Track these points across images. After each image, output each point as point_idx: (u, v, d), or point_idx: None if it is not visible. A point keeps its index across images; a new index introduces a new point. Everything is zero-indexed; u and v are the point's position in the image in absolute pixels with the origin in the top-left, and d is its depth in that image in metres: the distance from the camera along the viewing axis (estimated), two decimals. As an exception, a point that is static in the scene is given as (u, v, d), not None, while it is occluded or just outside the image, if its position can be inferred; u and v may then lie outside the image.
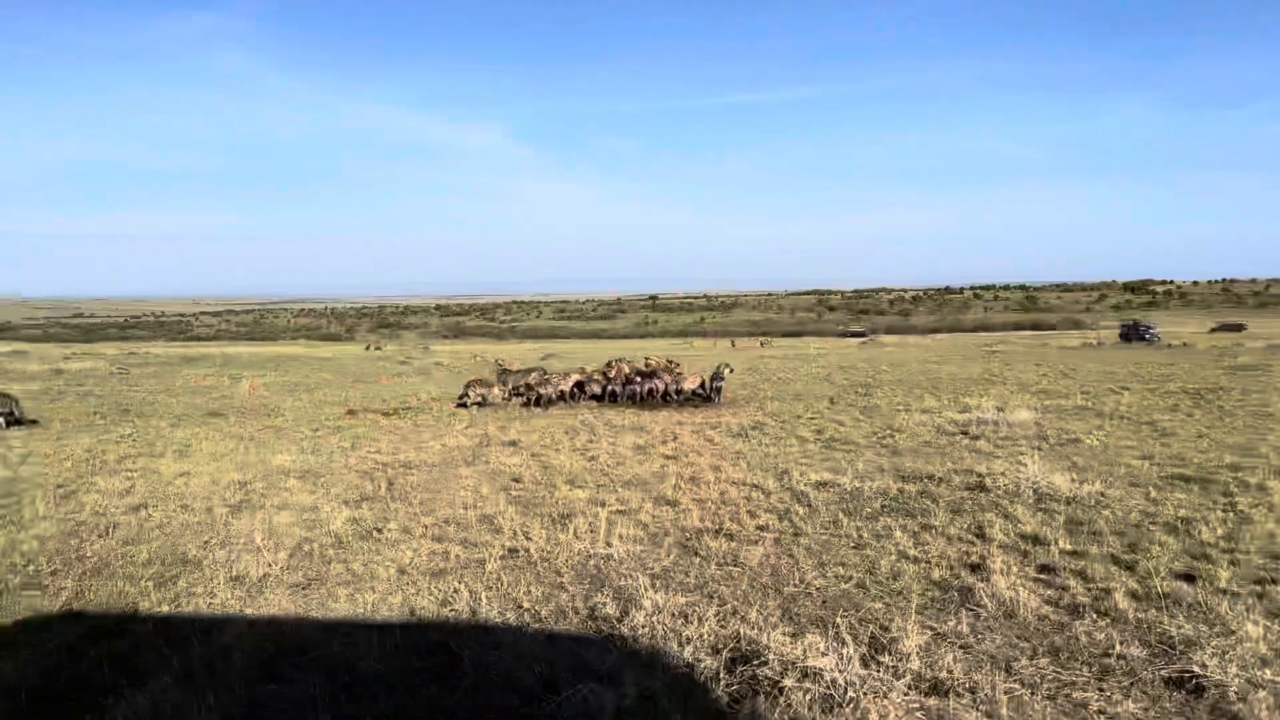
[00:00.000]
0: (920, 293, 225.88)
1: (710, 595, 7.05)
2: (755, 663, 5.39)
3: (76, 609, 6.95)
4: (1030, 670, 5.48)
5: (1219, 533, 8.49)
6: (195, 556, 8.37)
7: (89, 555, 8.45)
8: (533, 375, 22.60)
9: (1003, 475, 11.22)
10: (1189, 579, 7.17)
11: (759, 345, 76.04)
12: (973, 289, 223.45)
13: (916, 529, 8.96)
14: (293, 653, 5.98)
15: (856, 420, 17.56)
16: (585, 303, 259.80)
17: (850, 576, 7.48)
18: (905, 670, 5.35)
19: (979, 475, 11.35)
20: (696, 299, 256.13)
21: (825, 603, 6.86)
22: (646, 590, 6.94)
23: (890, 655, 5.62)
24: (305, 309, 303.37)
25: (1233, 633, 5.97)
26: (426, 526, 9.39)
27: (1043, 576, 7.34)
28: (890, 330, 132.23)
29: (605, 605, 6.72)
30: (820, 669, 5.17)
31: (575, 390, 22.05)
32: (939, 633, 6.16)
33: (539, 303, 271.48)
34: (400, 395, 24.98)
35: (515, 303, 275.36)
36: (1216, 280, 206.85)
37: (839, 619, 6.37)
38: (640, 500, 10.49)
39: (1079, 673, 5.44)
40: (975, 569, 7.57)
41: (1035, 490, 10.39)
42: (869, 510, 9.80)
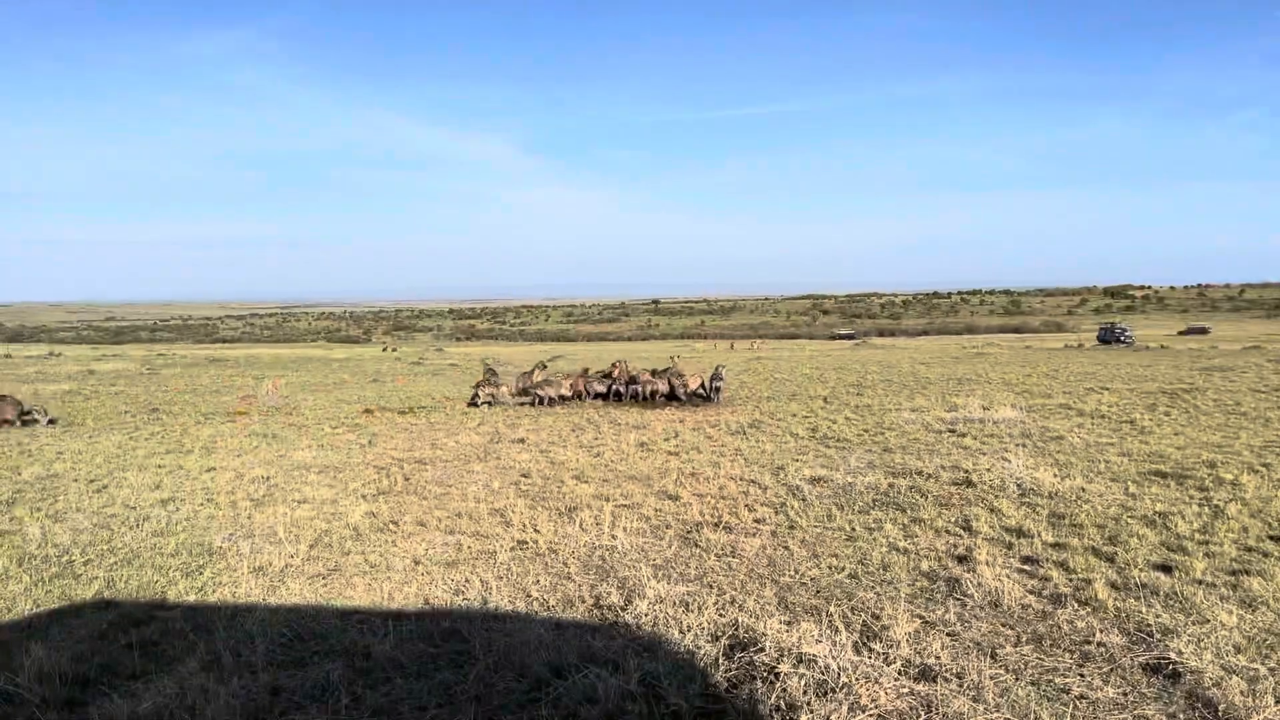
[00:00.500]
0: (910, 297, 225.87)
1: (710, 585, 7.05)
2: (752, 649, 5.39)
3: (108, 597, 6.96)
4: (1014, 656, 5.48)
5: (1195, 526, 8.48)
6: (220, 548, 8.38)
7: (120, 546, 8.46)
8: (537, 375, 22.59)
9: (988, 471, 11.21)
10: (1166, 570, 7.16)
11: (752, 347, 76.04)
12: (960, 293, 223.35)
13: (906, 522, 8.95)
14: (312, 639, 5.98)
15: (849, 419, 17.54)
16: (591, 307, 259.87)
17: (843, 567, 7.47)
18: (895, 657, 5.35)
19: (966, 471, 11.34)
20: (697, 303, 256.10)
21: (819, 592, 6.85)
22: (649, 580, 6.94)
23: (881, 642, 5.62)
24: (325, 313, 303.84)
25: (1208, 621, 5.96)
26: (440, 519, 9.40)
27: (1026, 567, 7.33)
28: (881, 333, 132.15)
29: (610, 594, 6.72)
30: (814, 655, 5.17)
31: (580, 390, 22.05)
32: (928, 621, 6.15)
33: (547, 307, 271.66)
34: (415, 395, 24.99)
35: (524, 307, 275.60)
36: (1192, 285, 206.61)
37: (832, 608, 6.37)
38: (643, 494, 10.49)
39: (1061, 659, 5.43)
40: (962, 560, 7.56)
41: (1019, 485, 10.38)
42: (861, 504, 9.80)
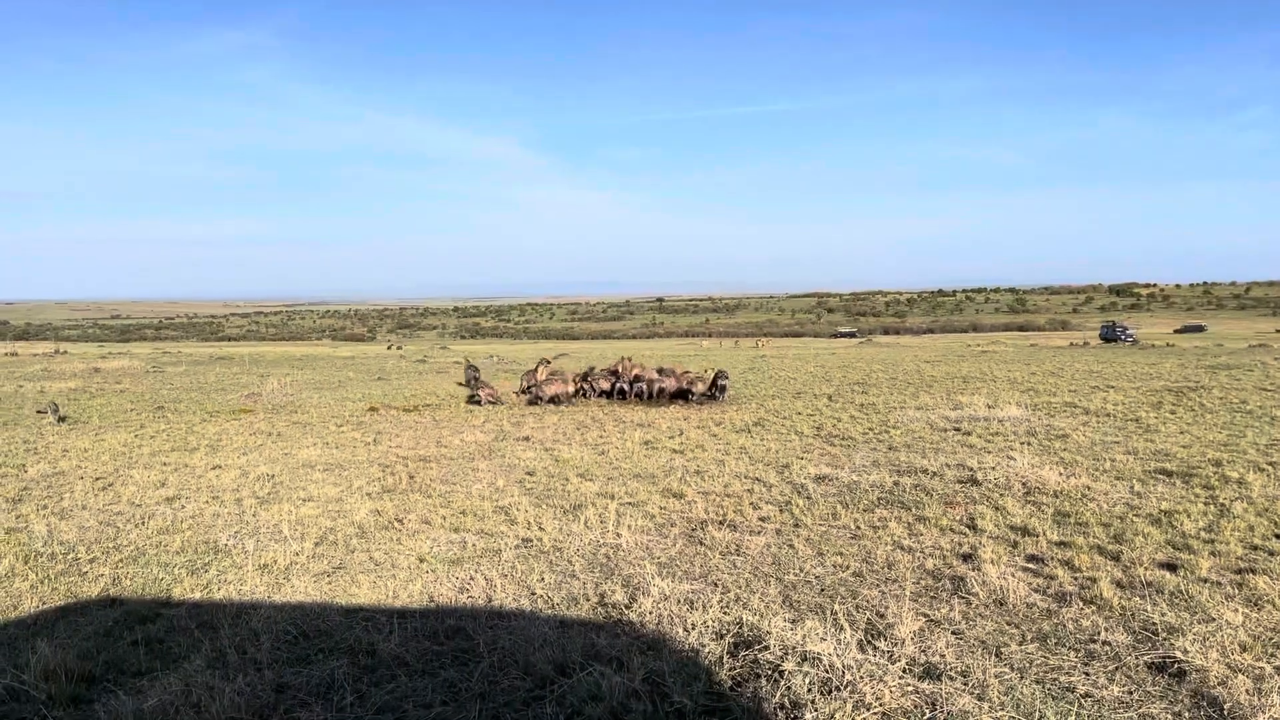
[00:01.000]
0: (915, 295, 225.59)
1: (714, 583, 7.05)
2: (757, 647, 5.38)
3: (113, 595, 6.98)
4: (1019, 655, 5.47)
5: (1200, 524, 8.46)
6: (226, 545, 8.40)
7: (125, 544, 8.48)
8: (541, 372, 22.57)
9: (993, 469, 11.19)
10: (1172, 568, 7.15)
11: (756, 345, 76.03)
12: (965, 292, 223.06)
13: (911, 520, 8.94)
14: (317, 636, 5.99)
15: (854, 417, 17.52)
16: (596, 305, 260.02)
17: (848, 565, 7.47)
18: (900, 655, 5.34)
19: (971, 469, 11.32)
20: (701, 301, 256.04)
21: (824, 590, 6.85)
22: (653, 578, 6.94)
23: (886, 641, 5.61)
24: (330, 310, 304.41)
25: (1213, 620, 5.94)
26: (445, 517, 9.41)
27: (1031, 566, 7.32)
28: (886, 331, 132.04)
29: (614, 592, 6.72)
30: (819, 654, 5.16)
31: (584, 388, 22.03)
32: (932, 619, 6.15)
33: (551, 305, 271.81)
34: (419, 392, 24.99)
35: (529, 305, 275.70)
36: (1198, 283, 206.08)
37: (837, 606, 6.37)
38: (648, 492, 10.50)
39: (1066, 657, 5.42)
40: (967, 559, 7.55)
41: (1024, 483, 10.37)
42: (866, 502, 9.79)
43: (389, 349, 76.42)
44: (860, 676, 4.89)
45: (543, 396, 20.82)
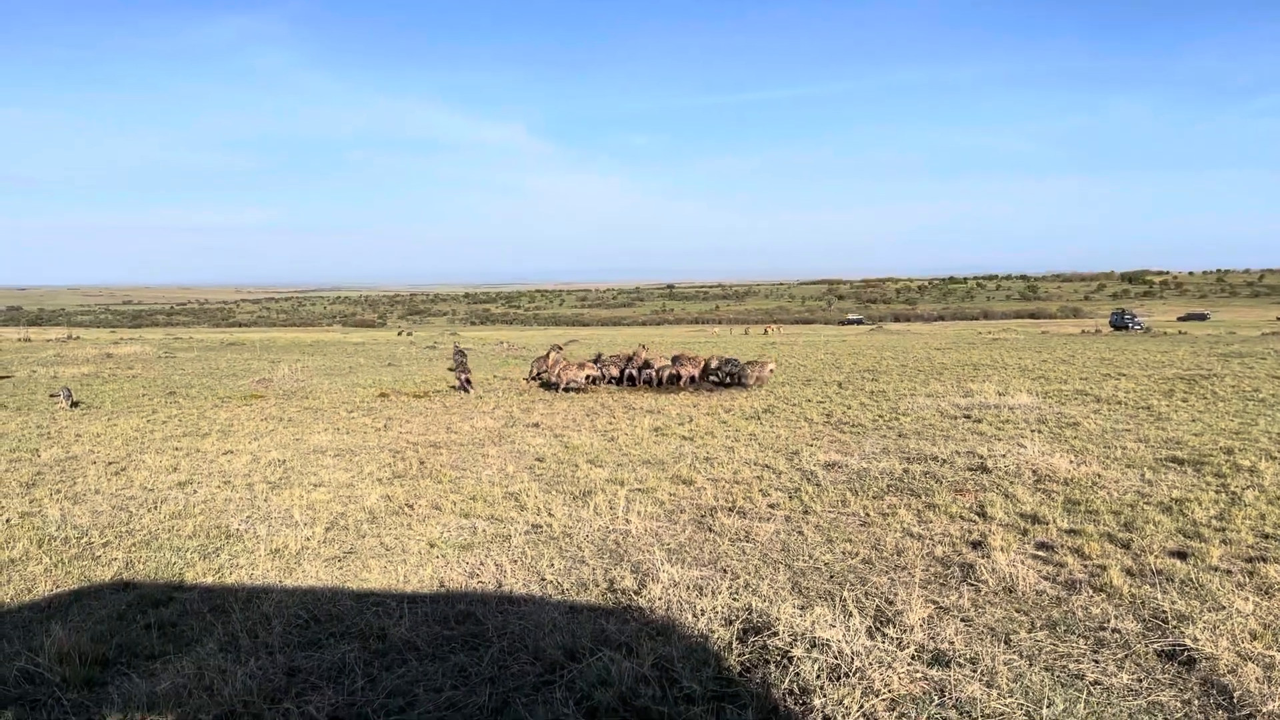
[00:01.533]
0: (926, 282, 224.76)
1: (723, 569, 7.06)
2: (766, 634, 5.39)
3: (126, 578, 7.03)
4: (1028, 642, 5.47)
5: (1211, 512, 8.43)
6: (237, 530, 8.45)
7: (138, 528, 8.54)
8: (552, 357, 22.59)
9: (1004, 457, 11.16)
10: (1182, 556, 7.13)
11: (766, 332, 75.95)
12: (976, 279, 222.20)
13: (921, 508, 8.93)
14: (328, 621, 6.03)
15: (864, 404, 17.49)
16: (605, 291, 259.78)
17: (857, 552, 7.47)
18: (909, 642, 5.35)
19: (981, 457, 11.30)
20: (711, 288, 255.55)
21: (833, 577, 6.86)
22: (663, 564, 6.95)
23: (895, 627, 5.62)
24: (340, 296, 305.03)
25: (1223, 608, 5.93)
26: (455, 503, 9.44)
27: (1041, 553, 7.31)
28: (896, 318, 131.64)
29: (624, 578, 6.74)
30: (828, 640, 5.17)
31: (595, 374, 22.05)
32: (941, 606, 6.15)
33: (561, 291, 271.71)
34: (430, 379, 25.03)
35: (539, 291, 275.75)
36: (1211, 271, 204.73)
37: (846, 593, 6.37)
38: (657, 479, 10.51)
39: (1075, 645, 5.42)
40: (976, 546, 7.55)
41: (1035, 471, 10.34)
42: (875, 489, 9.78)
43: (399, 335, 76.57)
44: (869, 663, 4.89)
45: (560, 383, 20.80)
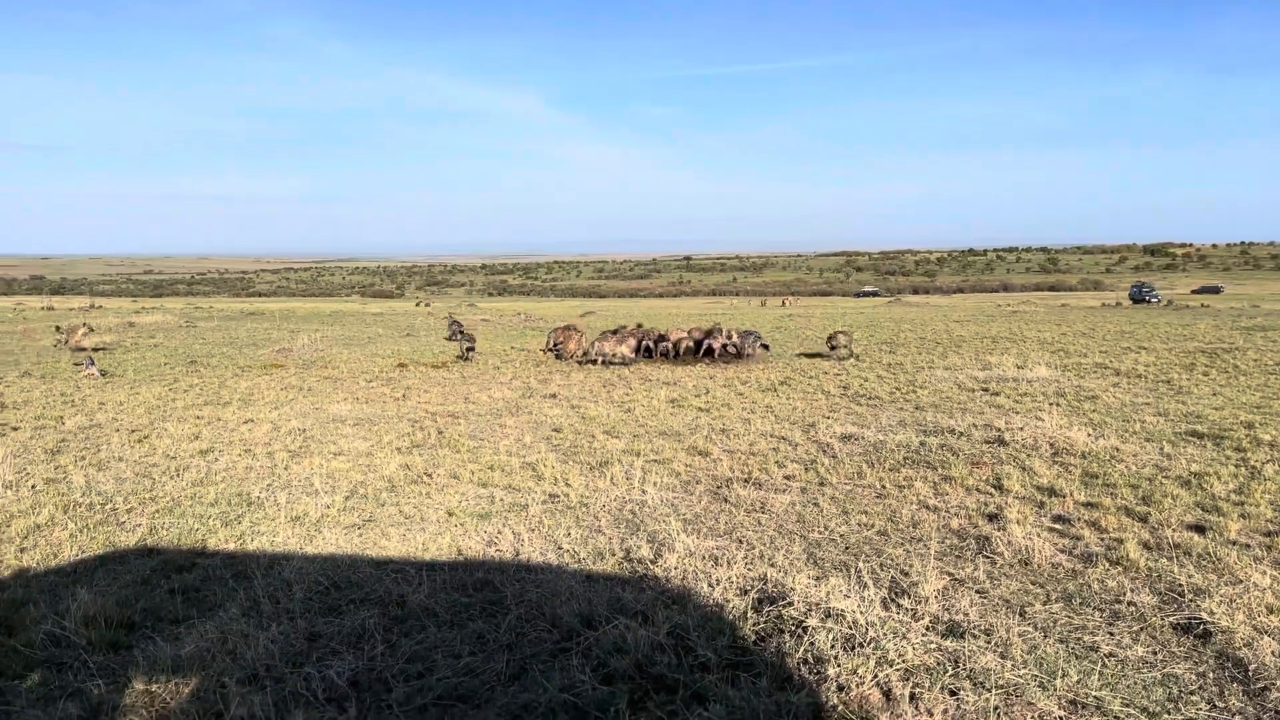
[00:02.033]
0: (945, 254, 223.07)
1: (739, 540, 7.09)
2: (781, 603, 5.42)
3: (150, 544, 7.12)
4: (1043, 614, 5.47)
5: (1230, 486, 8.39)
6: (258, 498, 8.54)
7: (161, 495, 8.65)
8: (567, 331, 22.61)
9: (1021, 430, 11.12)
10: (1200, 530, 7.10)
11: (784, 304, 75.71)
12: (996, 251, 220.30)
13: (937, 480, 8.93)
14: (348, 587, 6.10)
15: (881, 376, 17.45)
16: (622, 263, 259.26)
17: (872, 524, 7.48)
18: (924, 613, 5.36)
19: (998, 430, 11.26)
20: (729, 259, 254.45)
21: (848, 548, 6.87)
22: (678, 534, 6.98)
23: (909, 599, 5.63)
24: (359, 267, 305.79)
25: (1240, 582, 5.91)
26: (473, 472, 9.51)
27: (1057, 526, 7.30)
28: (915, 290, 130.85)
29: (640, 548, 6.77)
30: (842, 610, 5.19)
31: (612, 346, 22.06)
32: (956, 578, 6.16)
33: (578, 263, 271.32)
34: (448, 349, 25.13)
35: (556, 262, 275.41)
36: (1235, 243, 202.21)
37: (861, 564, 6.39)
38: (674, 450, 10.54)
39: (1090, 617, 5.42)
40: (993, 519, 7.54)
41: (1052, 444, 10.30)
42: (891, 462, 9.78)
43: (417, 306, 76.79)
44: (883, 633, 4.91)
45: (600, 357, 20.73)
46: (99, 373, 18.25)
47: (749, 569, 6.20)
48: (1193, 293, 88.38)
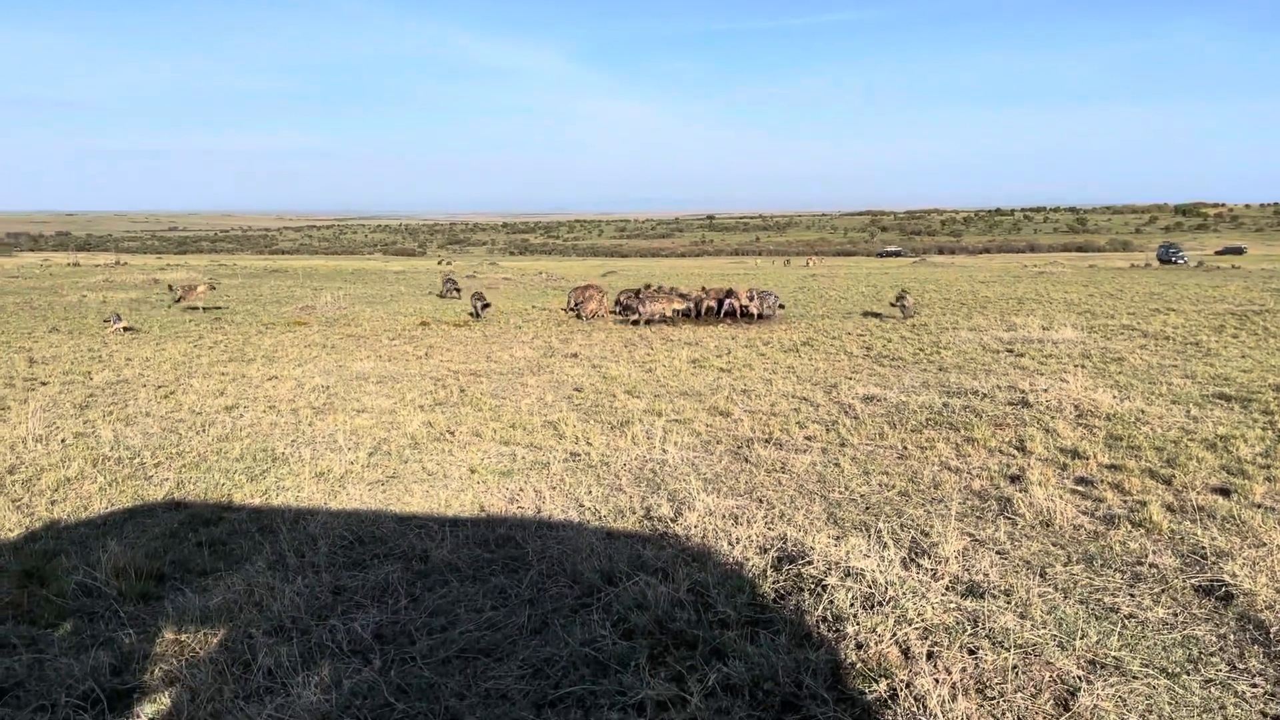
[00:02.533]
0: (971, 214, 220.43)
1: (759, 499, 7.12)
2: (800, 562, 5.45)
3: (177, 498, 7.24)
4: (1064, 576, 5.48)
5: (1257, 450, 8.31)
6: (283, 453, 8.65)
7: (187, 450, 8.77)
8: (587, 290, 22.60)
9: (1045, 392, 11.05)
10: (1224, 493, 7.06)
11: (807, 264, 75.20)
12: (1023, 211, 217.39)
13: (959, 441, 8.90)
14: (372, 542, 6.19)
15: (904, 337, 17.36)
16: (644, 222, 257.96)
17: (893, 485, 7.49)
18: (944, 573, 5.38)
19: (1022, 391, 11.20)
20: (752, 218, 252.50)
21: (869, 509, 6.89)
22: (699, 493, 7.02)
23: (930, 559, 5.65)
24: (381, 225, 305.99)
25: (1264, 545, 5.88)
26: (495, 430, 9.57)
27: (1080, 489, 7.27)
28: (941, 251, 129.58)
29: (660, 506, 6.82)
30: (862, 569, 5.21)
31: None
32: (977, 539, 6.17)
33: (600, 221, 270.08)
34: (469, 308, 25.20)
35: (577, 221, 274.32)
36: (1269, 203, 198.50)
37: (881, 524, 6.40)
38: (694, 410, 10.55)
39: (1111, 579, 5.42)
40: (1015, 480, 7.52)
41: (1077, 406, 10.24)
42: (913, 423, 9.76)
43: (439, 264, 76.88)
44: (903, 592, 4.93)
45: (643, 316, 20.69)
46: (124, 328, 18.47)
47: (769, 528, 6.23)
48: (1216, 254, 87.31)
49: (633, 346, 16.37)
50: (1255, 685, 4.18)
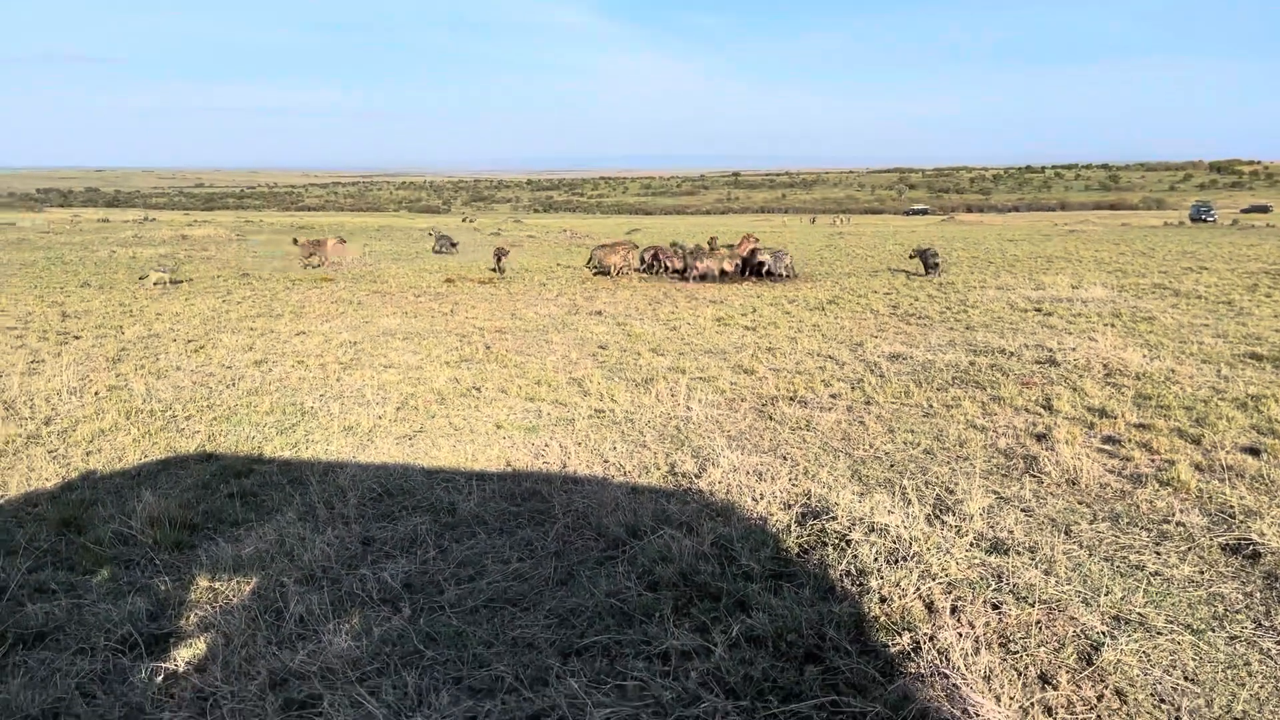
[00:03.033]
0: (1001, 171, 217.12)
1: (783, 456, 7.13)
2: (825, 518, 5.47)
3: (209, 450, 7.36)
4: (1089, 534, 5.47)
5: (1289, 410, 8.22)
6: (312, 408, 8.75)
7: (218, 403, 8.89)
8: (612, 248, 22.55)
9: (1073, 350, 10.96)
10: (1254, 453, 6.99)
11: (834, 223, 74.50)
12: (1054, 168, 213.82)
13: (985, 400, 8.86)
14: (400, 495, 6.27)
15: (931, 296, 17.23)
16: (669, 179, 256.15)
17: (918, 443, 7.48)
18: (968, 530, 5.39)
19: (1050, 350, 11.11)
20: (779, 176, 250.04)
21: (893, 466, 6.89)
22: (723, 450, 7.05)
23: (954, 516, 5.66)
24: (406, 182, 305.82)
25: (1293, 505, 5.84)
26: (520, 387, 9.63)
27: (1107, 448, 7.23)
28: (969, 209, 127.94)
29: (684, 462, 6.86)
30: (886, 525, 5.23)
31: (653, 262, 22.02)
32: (1002, 497, 6.16)
33: (625, 179, 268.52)
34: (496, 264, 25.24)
35: (602, 178, 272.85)
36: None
37: (906, 481, 6.41)
38: (719, 368, 10.56)
39: (1137, 537, 5.41)
40: (1041, 439, 7.48)
41: (1105, 365, 10.14)
42: (939, 381, 9.71)
43: (463, 222, 76.87)
44: (927, 548, 4.95)
45: (695, 272, 20.64)
46: (171, 281, 18.94)
47: (793, 484, 6.25)
48: (1242, 212, 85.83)
49: (657, 304, 16.36)
50: (1280, 643, 4.18)
